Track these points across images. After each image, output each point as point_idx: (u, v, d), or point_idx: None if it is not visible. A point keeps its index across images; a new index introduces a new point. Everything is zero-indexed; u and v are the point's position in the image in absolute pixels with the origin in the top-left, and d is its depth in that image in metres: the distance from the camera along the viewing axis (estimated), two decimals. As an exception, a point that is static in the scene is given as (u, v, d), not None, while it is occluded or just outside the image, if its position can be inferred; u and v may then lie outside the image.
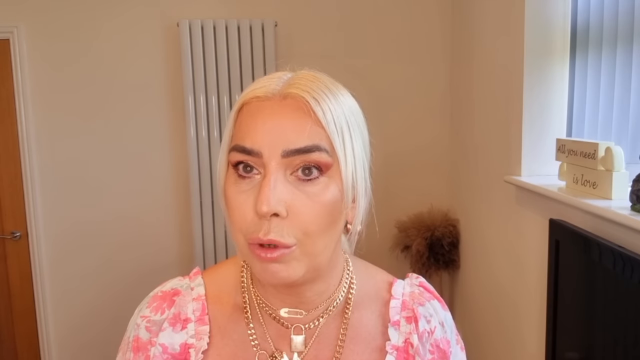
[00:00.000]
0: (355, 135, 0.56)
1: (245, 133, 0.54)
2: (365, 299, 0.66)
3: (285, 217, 0.52)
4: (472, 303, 2.40)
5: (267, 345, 0.61)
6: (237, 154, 0.54)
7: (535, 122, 1.76)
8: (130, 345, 0.63)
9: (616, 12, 1.52)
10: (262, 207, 0.50)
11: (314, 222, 0.53)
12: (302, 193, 0.53)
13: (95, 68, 2.56)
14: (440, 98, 2.66)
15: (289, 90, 0.54)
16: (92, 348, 2.72)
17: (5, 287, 2.68)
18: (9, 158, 2.60)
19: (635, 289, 1.08)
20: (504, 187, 1.93)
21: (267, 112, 0.54)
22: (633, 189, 1.17)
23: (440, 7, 2.61)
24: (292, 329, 0.62)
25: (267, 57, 2.49)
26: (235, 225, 0.55)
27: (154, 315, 0.63)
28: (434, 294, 0.70)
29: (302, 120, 0.53)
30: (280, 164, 0.53)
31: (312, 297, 0.61)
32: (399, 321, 0.65)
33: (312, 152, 0.53)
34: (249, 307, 0.63)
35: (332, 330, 0.63)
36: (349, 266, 0.66)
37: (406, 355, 0.63)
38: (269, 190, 0.51)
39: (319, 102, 0.54)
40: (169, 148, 2.64)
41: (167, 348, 0.61)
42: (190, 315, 0.62)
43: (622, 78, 1.50)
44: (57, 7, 2.52)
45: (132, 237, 2.67)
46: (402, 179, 2.69)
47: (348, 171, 0.55)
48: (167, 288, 0.66)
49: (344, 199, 0.55)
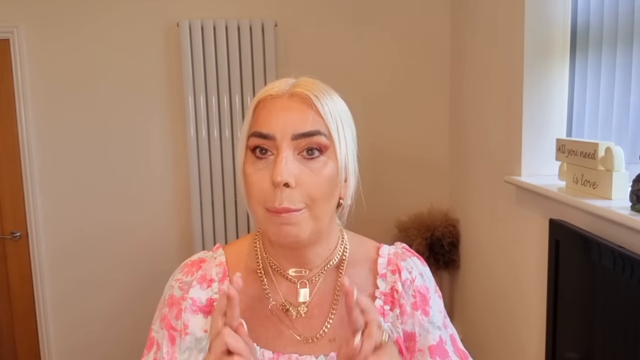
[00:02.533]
0: (346, 128, 0.72)
1: (262, 122, 0.69)
2: (357, 259, 0.81)
3: (294, 187, 0.67)
4: (472, 303, 2.40)
5: (279, 298, 0.76)
6: (256, 139, 0.69)
7: (535, 122, 1.76)
8: (166, 302, 0.78)
9: (616, 12, 1.52)
10: (277, 177, 0.65)
11: (317, 190, 0.68)
12: (306, 168, 0.68)
13: (95, 68, 2.56)
14: (440, 98, 2.66)
15: (295, 90, 0.70)
16: (92, 348, 2.72)
17: (5, 287, 2.68)
18: (9, 158, 2.60)
19: (635, 289, 1.08)
20: (504, 187, 1.93)
21: (279, 106, 0.70)
22: (633, 189, 1.17)
23: (440, 7, 2.61)
24: (298, 284, 0.76)
25: (267, 57, 2.49)
26: (254, 196, 0.69)
27: (185, 277, 0.78)
28: (414, 254, 0.84)
29: (306, 111, 0.69)
30: (290, 145, 0.68)
31: (314, 258, 0.76)
32: (385, 274, 0.80)
33: (315, 136, 0.68)
34: (263, 269, 0.78)
35: (330, 283, 0.78)
36: (343, 235, 0.82)
37: (392, 299, 0.78)
38: (282, 165, 0.66)
39: (319, 98, 0.70)
40: (169, 148, 2.64)
41: (195, 301, 0.76)
42: (214, 277, 0.78)
43: (622, 78, 1.50)
44: (57, 7, 2.52)
45: (132, 237, 2.67)
46: (402, 179, 2.69)
47: (342, 153, 0.71)
48: (195, 257, 0.81)
49: (338, 175, 0.71)
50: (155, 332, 0.78)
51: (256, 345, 0.73)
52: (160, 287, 0.85)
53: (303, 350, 0.74)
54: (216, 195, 2.57)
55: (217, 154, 2.54)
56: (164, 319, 0.77)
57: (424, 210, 2.57)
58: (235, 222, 2.61)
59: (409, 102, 2.66)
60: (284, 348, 0.74)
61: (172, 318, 0.76)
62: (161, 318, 0.77)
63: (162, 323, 0.77)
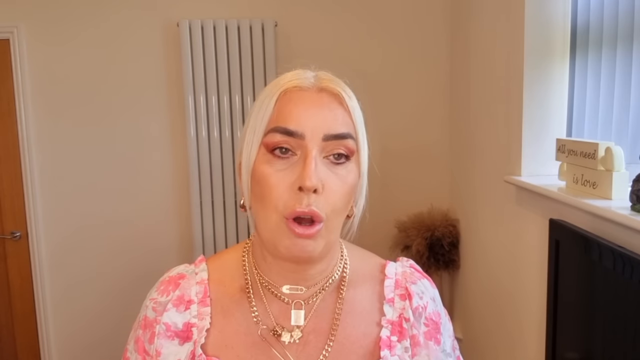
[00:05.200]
0: (365, 132, 0.66)
1: (288, 116, 0.61)
2: (359, 278, 0.72)
3: (321, 194, 0.59)
4: (472, 303, 2.40)
5: (269, 321, 0.67)
6: (278, 136, 0.60)
7: (535, 122, 1.76)
8: (140, 323, 0.71)
9: (616, 12, 1.52)
10: (306, 182, 0.58)
11: (341, 200, 0.61)
12: (333, 174, 0.61)
13: (95, 68, 2.56)
14: (440, 98, 2.66)
15: (324, 85, 0.63)
16: (92, 348, 2.72)
17: (5, 287, 2.68)
18: (9, 158, 2.60)
19: (635, 289, 1.08)
20: (504, 187, 1.93)
21: (308, 100, 0.62)
22: (633, 189, 1.17)
23: (441, 6, 2.61)
24: (292, 305, 0.67)
25: (267, 57, 2.49)
26: (270, 202, 0.60)
27: (160, 297, 0.70)
28: (423, 274, 0.77)
29: (338, 110, 0.62)
30: (320, 146, 0.60)
31: (314, 274, 0.68)
32: (393, 298, 0.71)
33: (346, 139, 0.62)
34: (251, 288, 0.69)
35: (329, 305, 0.69)
36: (343, 249, 0.73)
37: (400, 328, 0.69)
38: (313, 168, 0.58)
39: (349, 97, 0.64)
40: (169, 148, 2.64)
41: (170, 326, 0.68)
42: (193, 298, 0.69)
43: (622, 78, 1.50)
44: (57, 7, 2.52)
45: (132, 237, 2.67)
46: (402, 179, 2.69)
47: (364, 161, 0.65)
48: (173, 273, 0.73)
49: (359, 183, 0.65)
50: (129, 352, 0.72)
51: None
52: (160, 287, 0.85)
53: None
54: (216, 195, 2.57)
55: (217, 154, 2.54)
56: (137, 341, 0.70)
57: (424, 210, 2.57)
58: (235, 221, 2.61)
59: (409, 102, 2.66)
60: None
61: (146, 342, 0.69)
62: (135, 340, 0.71)
63: (136, 345, 0.71)
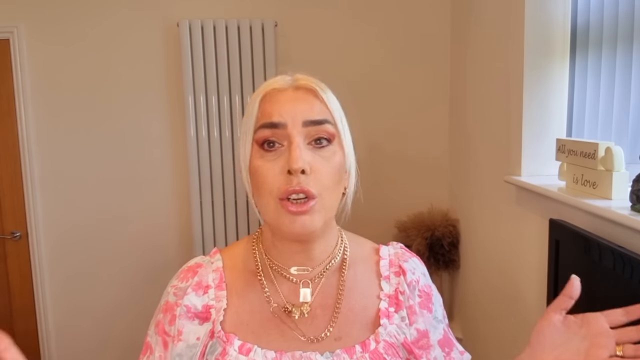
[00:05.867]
0: (344, 119, 0.75)
1: (270, 112, 0.70)
2: (357, 259, 0.81)
3: (309, 174, 0.68)
4: (472, 303, 2.40)
5: (280, 300, 0.76)
6: (265, 130, 0.70)
7: (535, 122, 1.76)
8: (161, 308, 0.78)
9: (616, 12, 1.52)
10: (293, 164, 0.66)
11: (329, 178, 0.70)
12: (318, 156, 0.70)
13: (95, 68, 2.56)
14: (440, 98, 2.66)
15: (299, 83, 0.73)
16: (92, 347, 2.72)
17: (5, 287, 2.68)
18: (9, 158, 2.60)
19: (635, 289, 1.08)
20: (504, 187, 1.93)
21: (286, 97, 0.71)
22: (633, 189, 1.17)
23: (440, 6, 2.61)
24: (300, 284, 0.76)
25: (267, 57, 2.49)
26: (265, 188, 0.69)
27: (180, 283, 0.77)
28: (413, 254, 0.86)
29: (313, 101, 0.72)
30: (301, 132, 0.69)
31: (318, 254, 0.77)
32: (388, 276, 0.81)
33: (324, 124, 0.71)
34: (262, 271, 0.77)
35: (333, 283, 0.78)
36: (342, 234, 0.82)
37: (397, 300, 0.79)
38: (298, 152, 0.67)
39: (323, 90, 0.73)
40: (169, 148, 2.64)
41: (190, 308, 0.75)
42: (210, 283, 0.77)
43: (622, 78, 1.50)
44: (57, 7, 2.52)
45: (132, 237, 2.67)
46: (402, 179, 2.69)
47: (347, 143, 0.74)
48: (192, 263, 0.81)
49: (345, 164, 0.73)
50: (150, 337, 0.78)
51: (258, 347, 0.73)
52: (159, 288, 0.86)
53: (307, 349, 0.74)
54: (216, 195, 2.57)
55: (217, 154, 2.54)
56: (158, 324, 0.77)
57: (424, 210, 2.57)
58: (235, 221, 2.61)
59: (409, 102, 2.66)
60: (287, 348, 0.73)
61: (166, 323, 0.76)
62: (156, 324, 0.78)
63: (156, 328, 0.77)
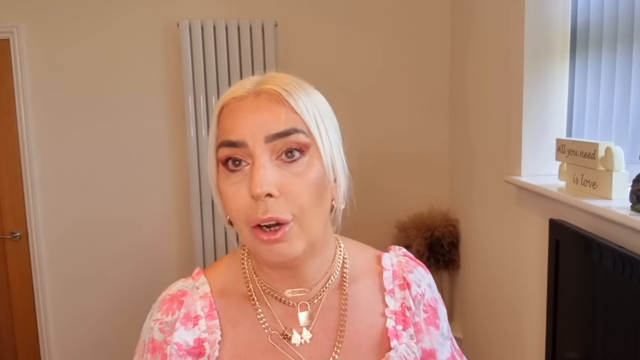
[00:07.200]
0: (326, 121, 0.63)
1: (229, 129, 0.60)
2: (358, 272, 0.73)
3: (279, 197, 0.58)
4: (472, 303, 2.40)
5: (277, 326, 0.67)
6: (226, 149, 0.60)
7: (535, 122, 1.76)
8: (147, 347, 0.68)
9: (616, 12, 1.52)
10: (255, 189, 0.57)
11: (305, 197, 0.59)
12: (289, 173, 0.59)
13: (95, 68, 2.56)
14: (440, 98, 2.66)
15: (262, 87, 0.62)
16: (92, 348, 2.72)
17: (5, 287, 2.68)
18: (9, 158, 2.60)
19: (635, 289, 1.08)
20: (504, 187, 1.93)
21: (245, 108, 0.61)
22: (633, 189, 1.17)
23: (440, 7, 2.61)
24: (297, 307, 0.68)
25: (267, 57, 2.49)
26: (235, 215, 0.61)
27: (166, 317, 0.68)
28: (417, 262, 0.79)
29: (277, 109, 0.60)
30: (265, 149, 0.59)
31: (312, 274, 0.68)
32: (393, 289, 0.73)
33: (291, 135, 0.59)
34: (255, 295, 0.69)
35: (334, 302, 0.70)
36: (340, 245, 0.74)
37: (404, 317, 0.72)
38: (259, 174, 0.57)
39: (290, 93, 0.61)
40: (169, 148, 2.64)
41: (181, 345, 0.66)
42: (199, 313, 0.67)
43: (622, 78, 1.50)
44: (57, 7, 2.52)
45: (132, 237, 2.67)
46: (402, 179, 2.69)
47: (326, 150, 0.62)
48: (173, 291, 0.70)
49: (326, 175, 0.62)
50: None
51: None
52: (159, 287, 0.84)
53: None
54: (216, 195, 2.57)
55: (217, 154, 2.54)
56: None
57: (424, 210, 2.56)
58: (235, 222, 2.61)
59: (409, 102, 2.66)
60: None
61: None
62: None
63: None
